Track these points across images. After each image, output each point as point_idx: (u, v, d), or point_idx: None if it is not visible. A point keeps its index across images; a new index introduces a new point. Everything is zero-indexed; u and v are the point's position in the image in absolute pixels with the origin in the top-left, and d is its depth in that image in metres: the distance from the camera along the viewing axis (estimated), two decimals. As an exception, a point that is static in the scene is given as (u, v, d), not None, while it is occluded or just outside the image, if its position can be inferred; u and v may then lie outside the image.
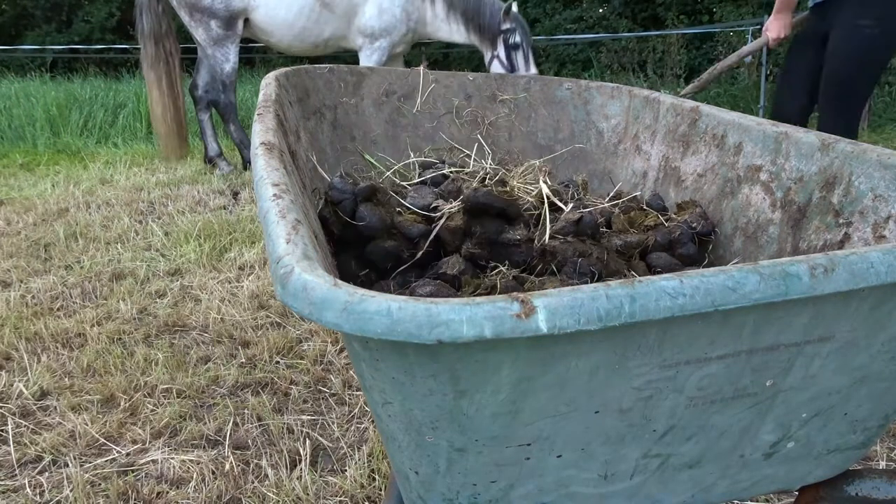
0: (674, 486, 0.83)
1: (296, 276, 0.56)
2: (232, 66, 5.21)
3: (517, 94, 1.65)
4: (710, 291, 0.59)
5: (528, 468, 0.72)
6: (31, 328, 2.62)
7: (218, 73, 5.21)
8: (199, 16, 5.04)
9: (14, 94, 7.89)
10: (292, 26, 5.07)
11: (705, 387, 0.71)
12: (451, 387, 0.61)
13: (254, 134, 0.97)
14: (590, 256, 0.98)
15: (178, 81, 5.47)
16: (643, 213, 1.24)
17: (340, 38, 5.29)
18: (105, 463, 1.85)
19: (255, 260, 3.37)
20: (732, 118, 1.26)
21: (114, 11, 15.02)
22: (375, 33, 5.18)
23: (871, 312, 0.71)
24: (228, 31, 5.09)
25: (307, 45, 5.24)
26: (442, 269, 0.99)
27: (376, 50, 5.23)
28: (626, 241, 1.10)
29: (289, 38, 5.14)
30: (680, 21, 12.70)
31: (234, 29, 5.11)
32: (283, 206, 0.71)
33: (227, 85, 5.25)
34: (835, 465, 0.91)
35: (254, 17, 5.08)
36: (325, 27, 5.14)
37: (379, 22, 5.15)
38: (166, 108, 5.43)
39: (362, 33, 5.21)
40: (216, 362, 2.37)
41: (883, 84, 8.28)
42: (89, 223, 3.99)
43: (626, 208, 1.27)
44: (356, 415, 2.05)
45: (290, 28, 5.08)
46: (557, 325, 0.55)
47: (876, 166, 0.97)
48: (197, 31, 5.13)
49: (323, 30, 5.15)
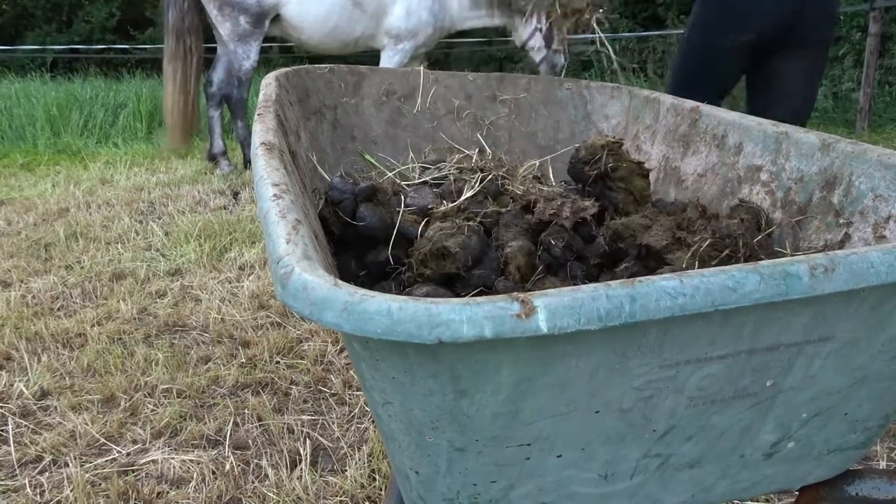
0: (674, 486, 0.83)
1: (296, 276, 0.56)
2: (251, 64, 5.23)
3: (517, 94, 1.65)
4: (711, 291, 0.59)
5: (529, 468, 0.72)
6: (31, 328, 2.62)
7: (236, 69, 5.22)
8: (229, 10, 5.04)
9: (14, 94, 7.89)
10: (324, 23, 5.07)
11: (705, 387, 0.71)
12: (452, 387, 0.61)
13: (254, 134, 0.97)
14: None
15: (193, 79, 5.44)
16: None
17: (370, 38, 5.29)
18: (105, 463, 1.85)
19: (256, 260, 3.37)
20: (733, 118, 1.26)
21: (114, 11, 15.01)
22: (401, 35, 5.18)
23: (872, 312, 0.71)
24: (256, 27, 5.10)
25: (337, 44, 5.24)
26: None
27: (399, 52, 5.24)
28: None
29: (320, 35, 5.13)
30: (680, 21, 12.68)
31: (262, 26, 5.12)
32: (284, 206, 0.71)
33: (242, 81, 5.27)
34: (835, 465, 0.91)
35: (285, 13, 5.06)
36: (355, 26, 5.15)
37: (406, 23, 5.15)
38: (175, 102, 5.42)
39: (388, 34, 5.21)
40: (216, 362, 2.37)
41: (883, 84, 8.28)
42: (89, 223, 3.99)
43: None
44: (356, 415, 2.05)
45: (321, 25, 5.07)
46: (558, 325, 0.55)
47: (876, 166, 0.97)
48: (223, 25, 5.12)
49: (354, 28, 5.16)
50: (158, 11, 15.22)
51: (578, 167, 1.21)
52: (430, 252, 0.96)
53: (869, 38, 7.28)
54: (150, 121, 7.48)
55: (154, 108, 7.61)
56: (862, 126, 7.25)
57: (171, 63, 5.31)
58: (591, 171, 1.17)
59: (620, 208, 1.17)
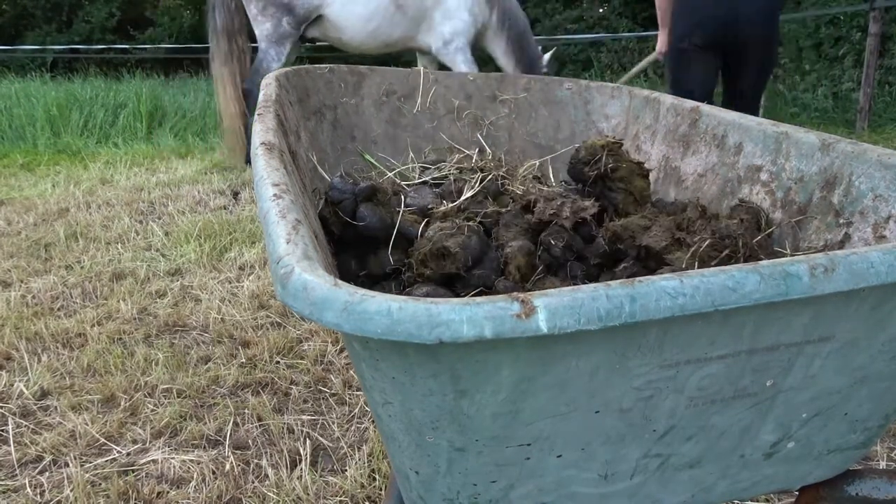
0: (674, 486, 0.83)
1: (296, 276, 0.56)
2: (280, 66, 5.27)
3: (517, 94, 1.65)
4: (711, 291, 0.59)
5: (529, 468, 0.72)
6: (31, 328, 2.62)
7: (264, 69, 5.24)
8: (273, 10, 5.08)
9: (14, 94, 7.88)
10: (367, 24, 5.14)
11: (705, 387, 0.71)
12: (452, 387, 0.61)
13: (254, 134, 0.97)
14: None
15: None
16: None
17: (408, 40, 5.41)
18: (105, 463, 1.85)
19: (256, 260, 3.37)
20: (733, 118, 1.26)
21: (114, 11, 15.02)
22: (447, 38, 5.32)
23: (872, 312, 0.71)
24: (296, 29, 5.16)
25: (378, 44, 5.32)
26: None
27: (457, 52, 5.36)
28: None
29: (362, 35, 5.21)
30: (679, 21, 12.67)
31: (300, 28, 5.18)
32: (284, 206, 0.71)
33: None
34: (835, 465, 0.91)
35: (328, 13, 5.13)
36: (396, 27, 5.24)
37: (449, 27, 5.30)
38: (232, 104, 5.38)
39: (436, 41, 5.36)
40: (216, 362, 2.37)
41: (883, 84, 8.28)
42: (89, 223, 3.99)
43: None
44: (356, 415, 2.05)
45: (364, 25, 5.15)
46: (558, 325, 0.55)
47: (876, 166, 0.97)
48: (263, 25, 5.15)
49: (394, 30, 5.25)
50: (159, 11, 15.26)
51: (578, 167, 1.21)
52: (430, 252, 0.96)
53: (869, 38, 7.29)
54: (150, 121, 7.48)
55: (154, 108, 7.61)
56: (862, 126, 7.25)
57: (225, 65, 5.33)
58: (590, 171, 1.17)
59: (620, 209, 1.17)
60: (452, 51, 5.34)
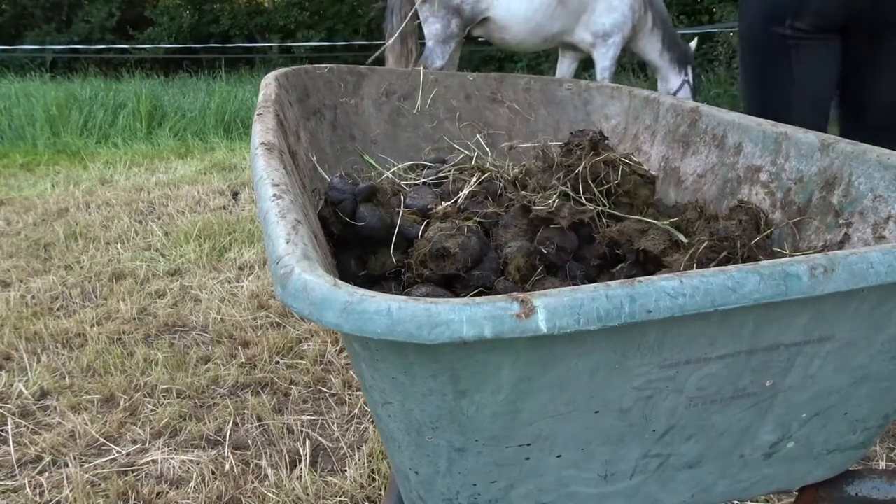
0: (674, 486, 0.83)
1: (296, 276, 0.56)
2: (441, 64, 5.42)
3: (517, 94, 1.65)
4: (710, 291, 0.59)
5: (528, 468, 0.72)
6: (31, 328, 2.62)
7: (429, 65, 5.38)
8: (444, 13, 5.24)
9: (14, 94, 7.88)
10: (530, 21, 5.26)
11: (705, 387, 0.71)
12: (451, 387, 0.61)
13: (254, 134, 0.97)
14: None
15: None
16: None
17: (566, 33, 5.51)
18: (105, 463, 1.85)
19: (255, 260, 3.37)
20: (732, 118, 1.26)
21: (113, 11, 15.01)
22: (607, 31, 5.41)
23: (871, 312, 0.71)
24: (462, 30, 5.33)
25: (537, 41, 5.45)
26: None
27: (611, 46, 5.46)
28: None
29: (524, 32, 5.33)
30: (680, 21, 12.69)
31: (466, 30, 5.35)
32: (283, 206, 0.71)
33: None
34: (834, 465, 0.91)
35: (494, 14, 5.28)
36: (556, 22, 5.36)
37: (610, 19, 5.39)
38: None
39: (594, 33, 5.45)
40: (216, 362, 2.37)
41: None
42: (89, 223, 3.99)
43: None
44: (356, 415, 2.05)
45: (527, 23, 5.28)
46: (557, 325, 0.55)
47: (876, 167, 0.97)
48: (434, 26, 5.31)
49: (554, 24, 5.37)
50: (158, 11, 15.25)
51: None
52: (430, 252, 0.96)
53: None
54: (150, 121, 7.47)
55: (153, 107, 7.60)
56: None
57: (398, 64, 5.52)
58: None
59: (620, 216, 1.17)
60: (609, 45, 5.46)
